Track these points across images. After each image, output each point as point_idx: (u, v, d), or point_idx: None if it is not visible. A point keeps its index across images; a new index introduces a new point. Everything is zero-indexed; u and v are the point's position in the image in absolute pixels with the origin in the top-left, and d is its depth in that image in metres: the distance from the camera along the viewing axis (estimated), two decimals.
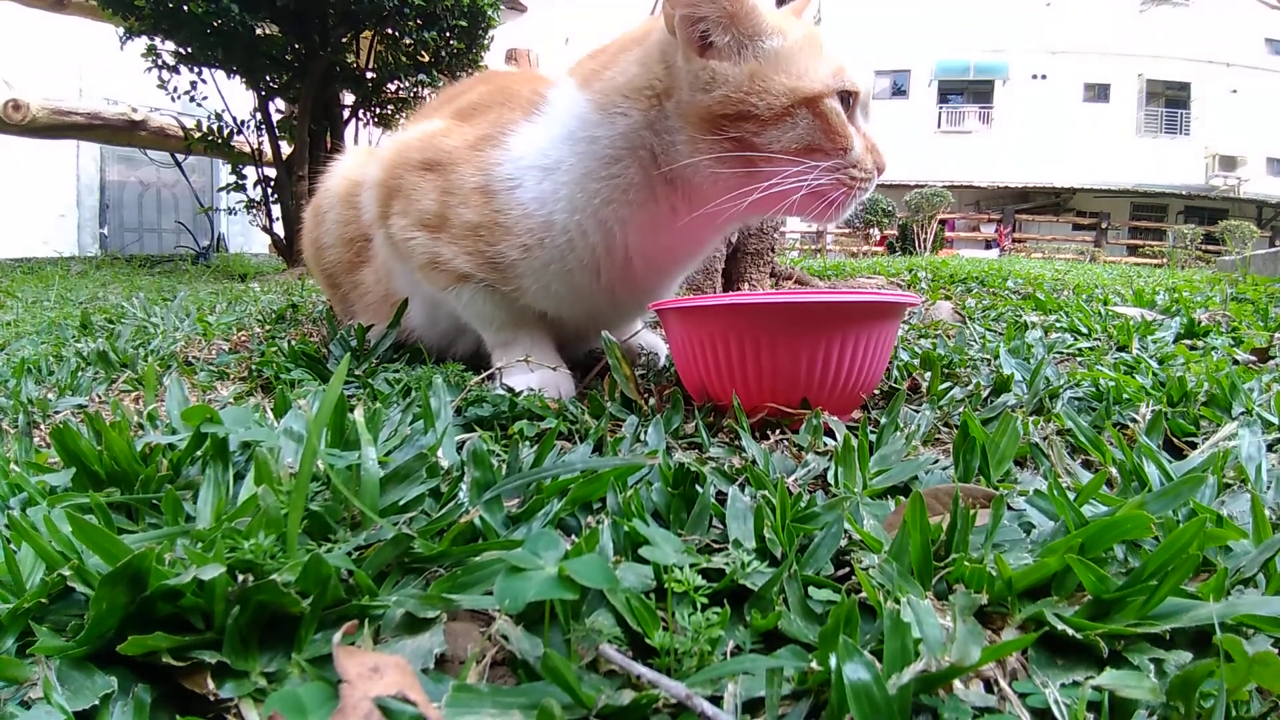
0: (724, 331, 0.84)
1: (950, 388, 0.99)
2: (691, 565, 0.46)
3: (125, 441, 0.62)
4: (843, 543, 0.53)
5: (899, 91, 19.95)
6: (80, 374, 1.13)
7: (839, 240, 13.13)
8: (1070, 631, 0.41)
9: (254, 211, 4.90)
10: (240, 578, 0.42)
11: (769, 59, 0.88)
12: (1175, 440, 0.82)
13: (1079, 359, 1.25)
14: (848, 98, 0.90)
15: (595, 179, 0.95)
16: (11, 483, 0.60)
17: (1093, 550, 0.48)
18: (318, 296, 2.21)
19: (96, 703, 0.37)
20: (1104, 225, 15.80)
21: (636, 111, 0.93)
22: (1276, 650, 0.40)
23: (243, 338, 1.48)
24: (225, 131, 4.80)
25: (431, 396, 0.76)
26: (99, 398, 1.02)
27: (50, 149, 8.52)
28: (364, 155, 1.32)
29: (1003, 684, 0.39)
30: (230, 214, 5.22)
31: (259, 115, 4.63)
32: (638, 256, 1.01)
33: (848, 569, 0.51)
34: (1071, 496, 0.57)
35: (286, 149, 4.63)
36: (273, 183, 4.75)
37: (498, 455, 0.71)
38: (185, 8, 3.76)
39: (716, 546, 0.54)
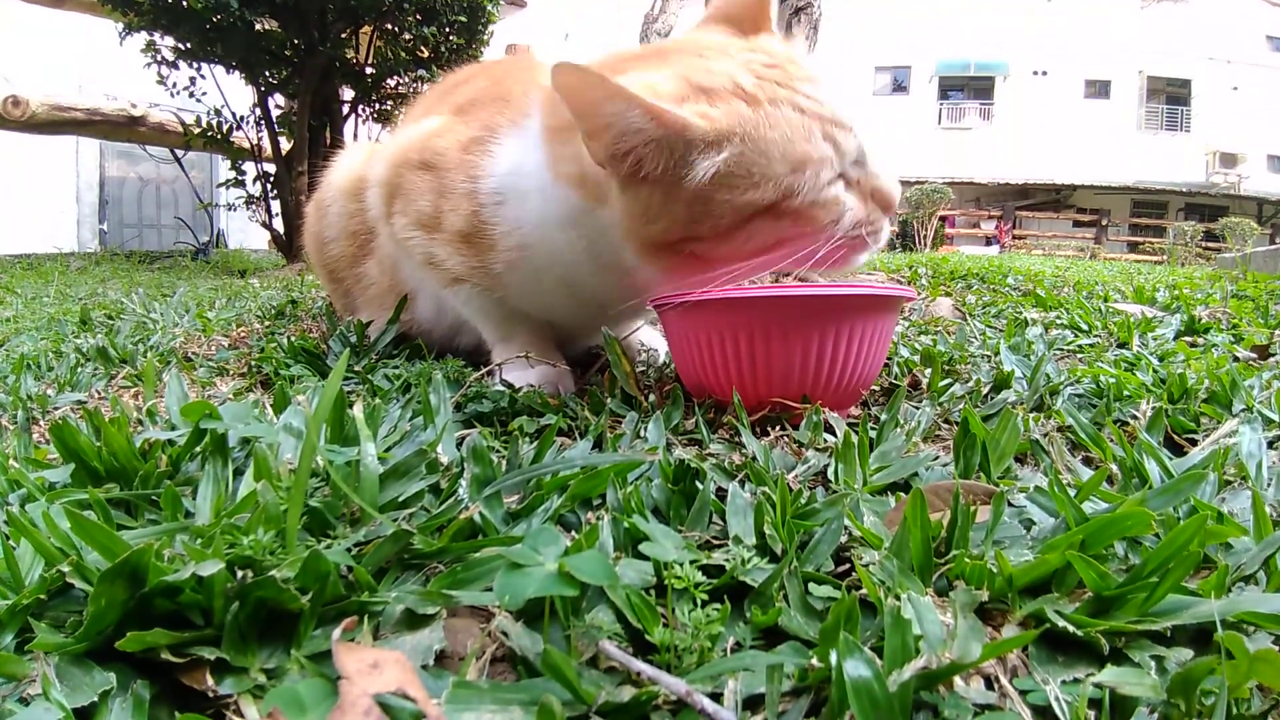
0: (720, 325, 0.83)
1: (950, 384, 0.99)
2: (691, 561, 0.46)
3: (124, 437, 0.62)
4: (843, 539, 0.52)
5: (899, 88, 19.91)
6: (79, 370, 1.13)
7: None
8: (1071, 628, 0.41)
9: (253, 207, 4.89)
10: (239, 574, 0.42)
11: (708, 180, 0.76)
12: (1176, 437, 0.81)
13: (1079, 356, 1.25)
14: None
15: (554, 227, 0.91)
16: (10, 479, 0.60)
17: (1093, 547, 0.48)
18: (317, 292, 2.21)
19: (95, 699, 0.37)
20: (1104, 222, 15.80)
21: (578, 199, 0.87)
22: (1277, 647, 0.40)
23: (242, 334, 1.48)
24: (225, 127, 4.79)
25: (431, 393, 0.76)
26: (98, 394, 1.02)
27: (50, 145, 8.49)
28: (366, 150, 1.32)
29: (1003, 681, 0.39)
30: (230, 210, 5.21)
31: (258, 111, 4.63)
32: (611, 283, 0.95)
33: (848, 565, 0.51)
34: (1072, 493, 0.57)
35: (286, 144, 4.62)
36: (272, 178, 4.75)
37: (497, 451, 0.71)
38: (184, 3, 3.76)
39: (716, 543, 0.54)
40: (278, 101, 4.79)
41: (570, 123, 0.82)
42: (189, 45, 4.15)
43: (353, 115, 4.86)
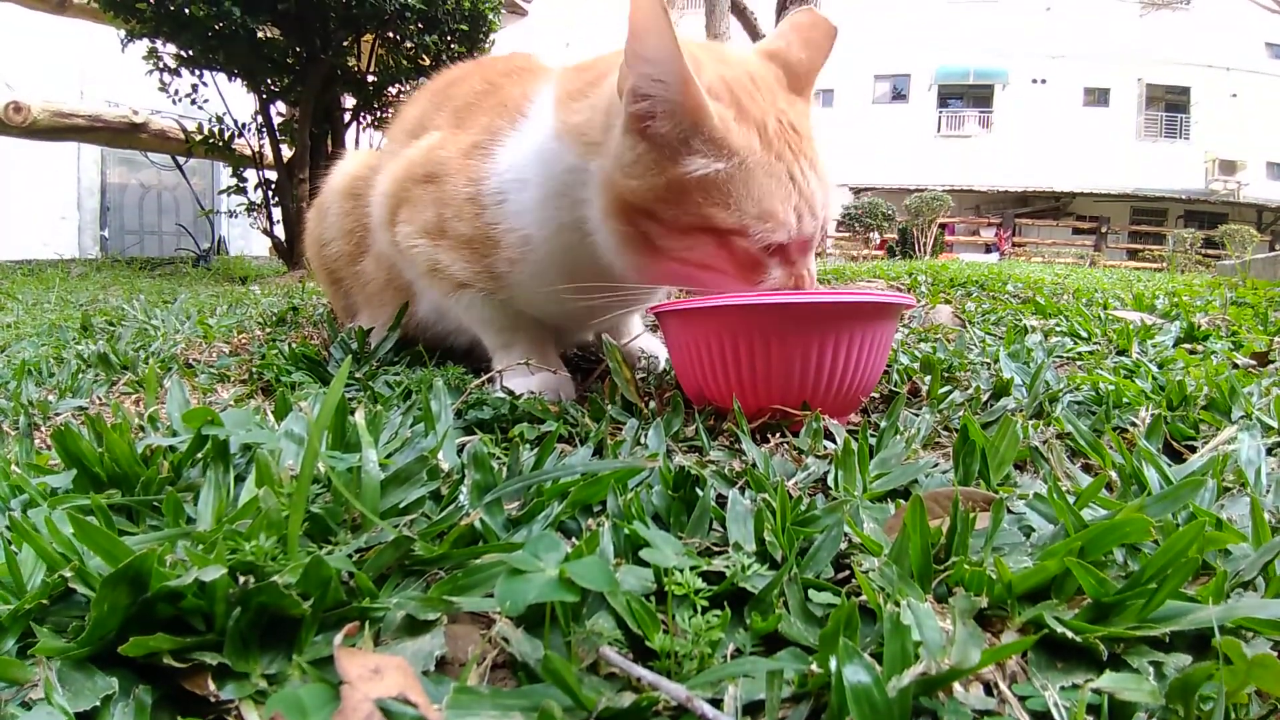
0: (720, 332, 0.84)
1: (950, 391, 0.99)
2: (692, 568, 0.46)
3: (126, 443, 0.62)
4: (843, 546, 0.53)
5: (899, 96, 19.99)
6: (81, 376, 1.13)
7: (838, 244, 13.16)
8: (1070, 634, 0.41)
9: (254, 214, 4.90)
10: (241, 579, 0.42)
11: (695, 175, 0.81)
12: (1175, 444, 0.82)
13: (1079, 363, 1.25)
14: (771, 245, 0.85)
15: (551, 205, 0.94)
16: (13, 484, 0.60)
17: (1092, 553, 0.48)
18: (318, 299, 2.21)
19: (97, 704, 0.37)
20: (1104, 229, 15.85)
21: (573, 157, 0.91)
22: (1275, 653, 0.40)
23: (243, 340, 1.48)
24: (226, 134, 4.81)
25: (432, 399, 0.76)
26: (100, 400, 1.02)
27: (51, 151, 8.54)
28: (364, 156, 1.34)
29: (1002, 687, 0.39)
30: (231, 217, 5.23)
31: (260, 118, 4.63)
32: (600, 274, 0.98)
33: (848, 572, 0.51)
34: (1071, 500, 0.57)
35: (287, 152, 4.63)
36: (273, 185, 4.75)
37: (498, 458, 0.71)
38: (187, 11, 3.76)
39: (717, 549, 0.54)
40: (279, 109, 4.80)
41: (579, 90, 0.93)
42: (191, 53, 4.16)
43: (354, 123, 4.88)
